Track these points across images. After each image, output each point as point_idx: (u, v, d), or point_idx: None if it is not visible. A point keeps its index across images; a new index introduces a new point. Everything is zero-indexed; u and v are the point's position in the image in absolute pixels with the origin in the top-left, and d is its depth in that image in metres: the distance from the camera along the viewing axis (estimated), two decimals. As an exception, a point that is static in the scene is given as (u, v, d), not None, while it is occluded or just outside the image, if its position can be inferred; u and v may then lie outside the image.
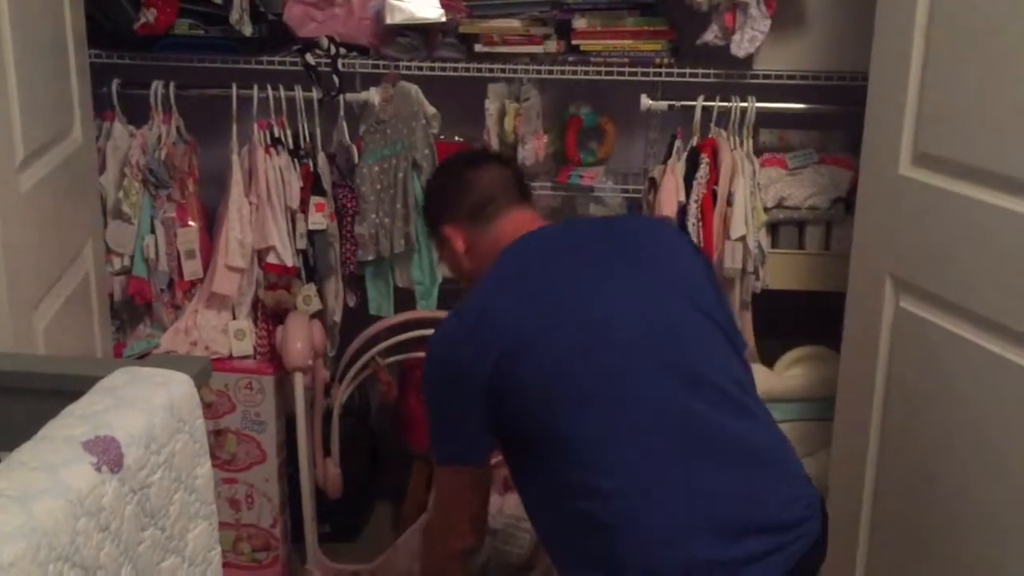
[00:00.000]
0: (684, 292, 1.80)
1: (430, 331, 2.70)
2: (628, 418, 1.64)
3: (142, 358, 1.82)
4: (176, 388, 1.29)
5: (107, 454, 1.10)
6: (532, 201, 2.01)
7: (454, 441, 1.78)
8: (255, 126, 2.76)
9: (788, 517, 1.67)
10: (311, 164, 2.80)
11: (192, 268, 2.81)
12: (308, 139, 2.82)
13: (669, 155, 2.74)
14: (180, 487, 1.27)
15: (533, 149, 2.77)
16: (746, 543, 1.61)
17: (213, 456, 1.41)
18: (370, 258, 2.84)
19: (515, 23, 2.73)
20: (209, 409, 2.78)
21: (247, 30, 2.74)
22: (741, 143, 2.70)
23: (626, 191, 2.90)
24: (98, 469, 1.08)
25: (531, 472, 1.75)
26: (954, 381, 2.06)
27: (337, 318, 2.91)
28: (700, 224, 2.63)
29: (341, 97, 2.79)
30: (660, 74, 2.74)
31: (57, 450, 1.08)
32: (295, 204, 2.77)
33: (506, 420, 1.71)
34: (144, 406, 1.22)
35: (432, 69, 2.79)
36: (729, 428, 1.68)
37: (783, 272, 2.75)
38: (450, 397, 1.74)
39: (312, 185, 2.79)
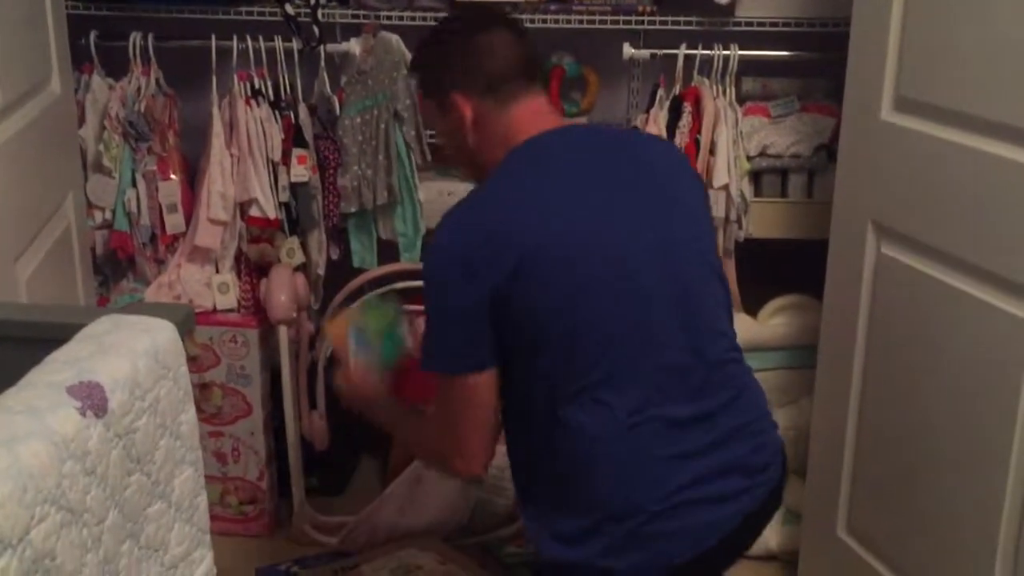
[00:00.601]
0: (696, 237, 1.77)
1: (414, 283, 2.73)
2: (630, 350, 1.64)
3: (125, 310, 1.81)
4: (160, 335, 1.29)
5: (91, 399, 1.10)
6: (545, 86, 1.87)
7: (465, 344, 1.65)
8: (235, 77, 2.74)
9: (758, 460, 1.71)
10: (292, 116, 2.78)
11: (174, 222, 2.80)
12: (289, 90, 2.80)
13: (652, 104, 2.74)
14: (165, 433, 1.27)
15: (515, 99, 2.75)
16: (719, 483, 1.64)
17: (199, 410, 1.40)
18: (353, 210, 2.83)
19: (496, -29, 2.71)
20: (194, 363, 2.74)
21: (226, -20, 2.72)
22: (723, 91, 2.70)
23: (609, 141, 2.89)
24: (83, 414, 1.08)
25: (527, 395, 1.69)
26: (936, 326, 2.08)
27: (321, 271, 2.91)
28: (683, 173, 2.63)
29: (322, 48, 2.77)
30: (643, 22, 2.73)
31: (42, 395, 1.08)
32: (277, 156, 2.76)
33: (509, 331, 1.64)
34: (128, 352, 1.22)
35: (413, 19, 2.77)
36: (714, 378, 1.69)
37: (766, 220, 2.76)
38: (462, 298, 1.62)
39: (293, 137, 2.77)
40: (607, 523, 1.62)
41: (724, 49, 2.68)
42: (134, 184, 2.76)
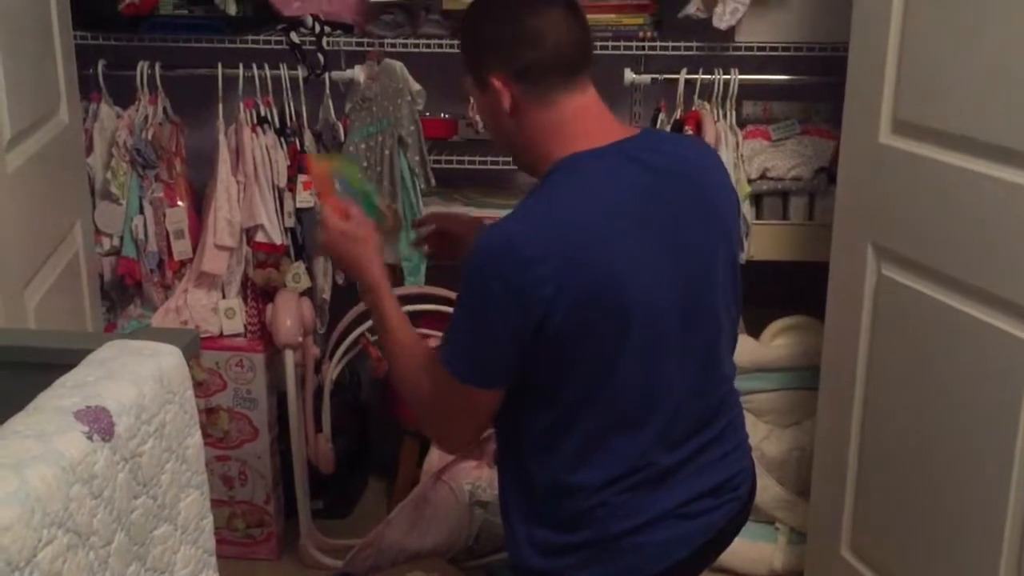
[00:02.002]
0: (728, 278, 1.71)
1: (418, 307, 2.75)
2: (656, 406, 1.63)
3: (132, 335, 1.82)
4: (165, 360, 1.31)
5: (98, 423, 1.12)
6: (591, 71, 1.66)
7: (489, 361, 1.57)
8: (241, 105, 2.77)
9: (732, 483, 1.73)
10: (298, 142, 2.81)
11: (181, 248, 2.83)
12: (294, 117, 2.83)
13: (653, 128, 2.76)
14: (171, 456, 1.29)
15: (518, 124, 2.78)
16: (694, 505, 1.67)
17: (205, 434, 1.42)
18: (358, 235, 2.85)
19: (499, -1, 2.74)
20: (200, 387, 2.80)
21: (232, 9, 2.75)
22: (724, 115, 2.72)
23: (611, 165, 2.91)
24: (90, 438, 1.09)
25: (533, 408, 1.63)
26: (936, 346, 2.09)
27: (326, 295, 2.93)
28: (685, 196, 2.64)
29: (326, 75, 2.80)
30: (643, 47, 2.76)
31: (49, 420, 1.09)
32: (282, 182, 2.79)
33: (532, 362, 1.56)
34: (134, 377, 1.23)
35: (417, 46, 2.80)
36: (713, 414, 1.72)
37: (768, 243, 2.77)
38: (498, 309, 1.51)
39: (299, 163, 2.80)
40: (585, 544, 1.64)
41: (724, 73, 2.71)
42: (141, 211, 2.79)
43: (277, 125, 2.81)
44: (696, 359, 1.65)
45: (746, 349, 2.58)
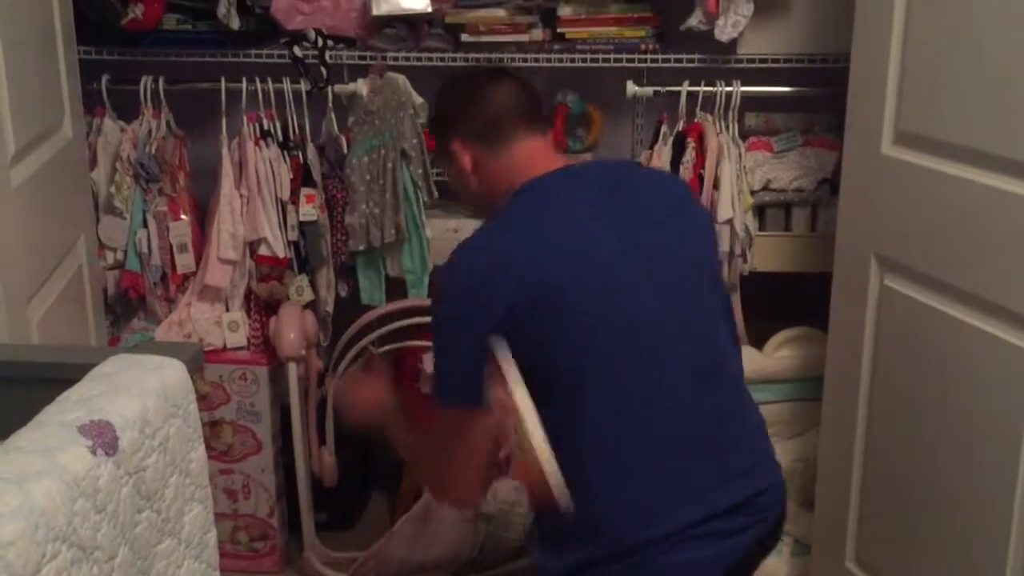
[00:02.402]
0: (702, 273, 1.79)
1: (422, 319, 2.75)
2: (647, 397, 1.66)
3: (136, 349, 1.83)
4: (169, 373, 1.31)
5: (102, 437, 1.12)
6: (545, 128, 1.89)
7: (464, 381, 1.66)
8: (244, 119, 2.78)
9: (764, 501, 1.71)
10: (301, 156, 2.82)
11: (185, 261, 2.83)
12: (297, 131, 2.84)
13: (655, 140, 2.76)
14: (175, 470, 1.29)
15: (521, 137, 2.78)
16: (723, 521, 1.65)
17: (209, 447, 1.42)
18: (361, 248, 2.86)
19: (500, 12, 2.75)
20: (204, 400, 2.80)
21: (235, 24, 2.76)
22: (727, 127, 2.73)
23: (614, 177, 2.91)
24: (93, 452, 1.10)
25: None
26: (940, 357, 2.09)
27: (329, 308, 2.93)
28: (687, 208, 2.65)
29: (329, 89, 2.81)
30: (645, 60, 2.76)
31: (53, 434, 1.10)
32: (285, 196, 2.79)
33: (521, 355, 1.63)
34: (137, 391, 1.24)
35: (419, 60, 2.81)
36: (725, 416, 1.71)
37: (770, 254, 2.78)
38: (462, 337, 1.65)
39: (302, 177, 2.81)
40: (610, 559, 1.63)
41: (727, 85, 2.71)
42: (145, 225, 2.80)
43: (280, 139, 2.81)
44: (686, 346, 1.68)
45: (750, 360, 2.57)
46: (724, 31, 2.62)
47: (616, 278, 1.66)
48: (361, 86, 2.80)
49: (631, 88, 2.77)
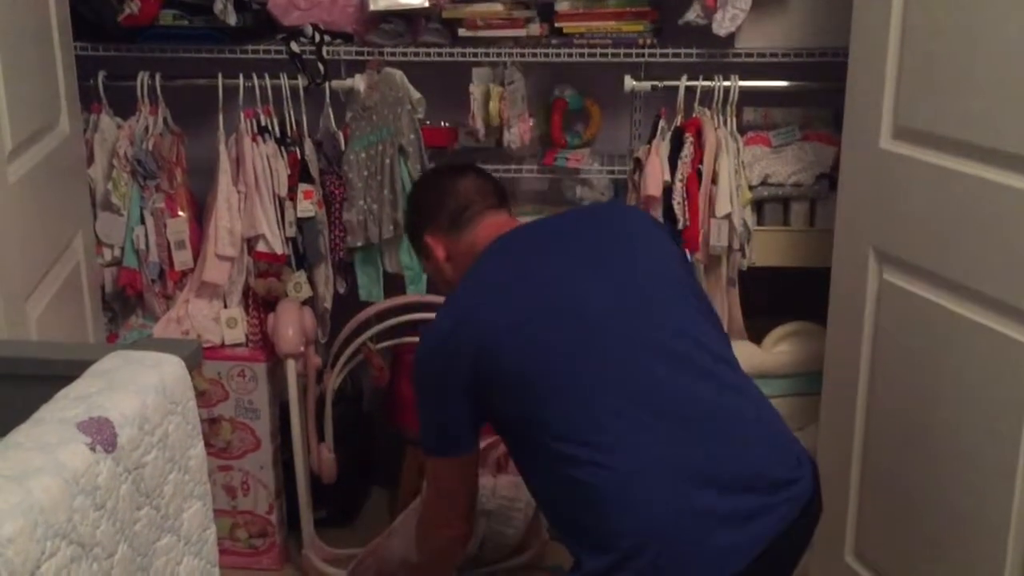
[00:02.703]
0: (657, 270, 1.86)
1: (420, 315, 2.75)
2: (607, 393, 1.68)
3: (134, 346, 1.83)
4: (167, 370, 1.31)
5: (101, 434, 1.12)
6: (509, 207, 2.08)
7: (441, 435, 1.85)
8: (241, 115, 2.77)
9: (778, 475, 1.67)
10: (298, 152, 2.81)
11: (182, 258, 2.83)
12: (295, 127, 2.83)
13: (654, 135, 2.76)
14: (174, 467, 1.29)
15: (519, 132, 2.78)
16: (734, 499, 1.62)
17: (207, 444, 1.42)
18: (359, 244, 2.86)
19: (498, 7, 2.75)
20: (203, 397, 2.80)
21: (231, 19, 2.75)
22: (725, 122, 2.72)
23: (612, 172, 2.92)
24: (93, 449, 1.10)
25: (527, 451, 1.80)
26: (938, 351, 2.09)
27: (328, 304, 2.92)
28: (685, 203, 2.65)
29: (326, 84, 2.80)
30: (643, 55, 2.76)
31: (52, 431, 1.09)
32: (283, 192, 2.79)
33: (494, 408, 1.79)
34: (136, 388, 1.23)
35: (416, 55, 2.80)
36: (706, 396, 1.71)
37: (769, 249, 2.77)
38: (435, 396, 1.82)
39: (300, 173, 2.80)
40: (628, 559, 1.61)
41: (725, 80, 2.71)
42: (142, 221, 2.79)
43: (278, 135, 2.81)
44: (648, 343, 1.73)
45: (748, 355, 2.58)
46: (722, 25, 2.62)
47: (571, 311, 1.75)
48: (358, 82, 2.79)
49: (629, 83, 2.77)
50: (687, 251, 2.64)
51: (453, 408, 1.80)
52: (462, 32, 2.77)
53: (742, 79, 2.71)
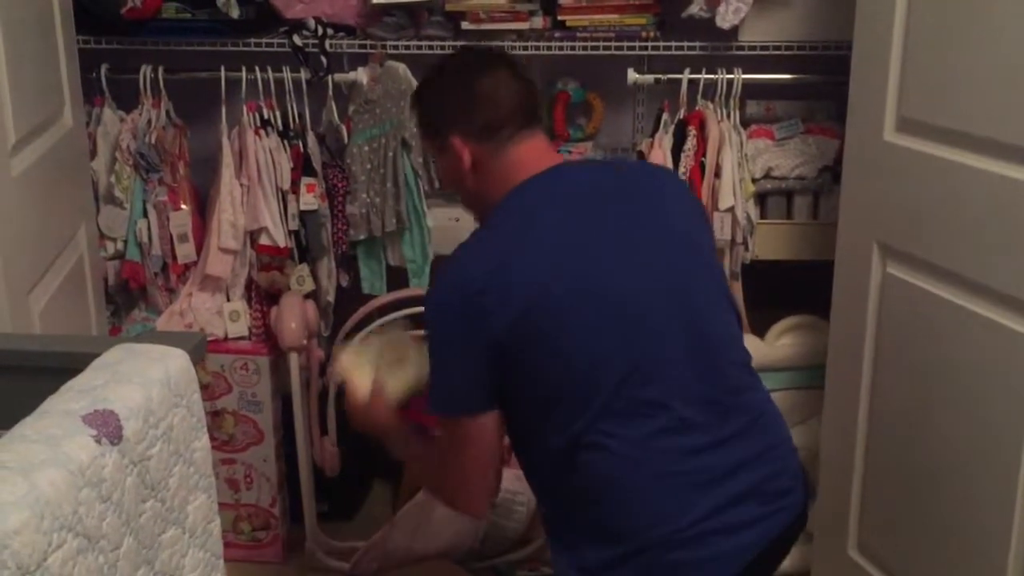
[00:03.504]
0: (701, 266, 1.78)
1: (423, 308, 2.74)
2: (639, 388, 1.64)
3: (138, 339, 1.82)
4: (172, 363, 1.31)
5: (106, 427, 1.12)
6: (541, 120, 1.86)
7: (468, 387, 1.67)
8: (244, 108, 2.77)
9: (777, 486, 1.69)
10: (301, 145, 2.81)
11: (185, 251, 2.83)
12: (297, 120, 2.83)
13: (656, 128, 2.76)
14: (179, 460, 1.29)
15: (521, 125, 2.78)
16: (737, 510, 1.63)
17: (211, 437, 1.42)
18: (362, 237, 2.86)
19: (501, 0, 2.74)
20: (206, 390, 2.80)
21: (234, 12, 2.75)
22: (728, 115, 2.72)
23: (615, 165, 2.91)
24: (98, 441, 1.09)
25: (538, 430, 1.71)
26: (942, 344, 2.09)
27: (330, 298, 2.92)
28: (689, 196, 2.65)
29: (329, 77, 2.80)
30: (646, 48, 2.75)
31: (57, 424, 1.09)
32: (286, 185, 2.79)
33: (509, 378, 1.65)
34: (141, 381, 1.23)
35: (419, 48, 2.80)
36: (726, 402, 1.70)
37: (772, 242, 2.77)
38: (462, 343, 1.64)
39: (303, 166, 2.80)
40: (630, 555, 1.62)
41: (728, 73, 2.70)
42: (145, 214, 2.79)
43: (280, 128, 2.81)
44: (685, 339, 1.67)
45: (751, 349, 2.55)
46: (725, 18, 2.61)
47: (611, 288, 1.65)
48: (361, 75, 2.79)
49: (632, 76, 2.77)
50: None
51: (480, 357, 1.63)
52: (465, 25, 2.77)
53: (745, 72, 2.71)
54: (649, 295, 1.66)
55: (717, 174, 2.66)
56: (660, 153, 2.68)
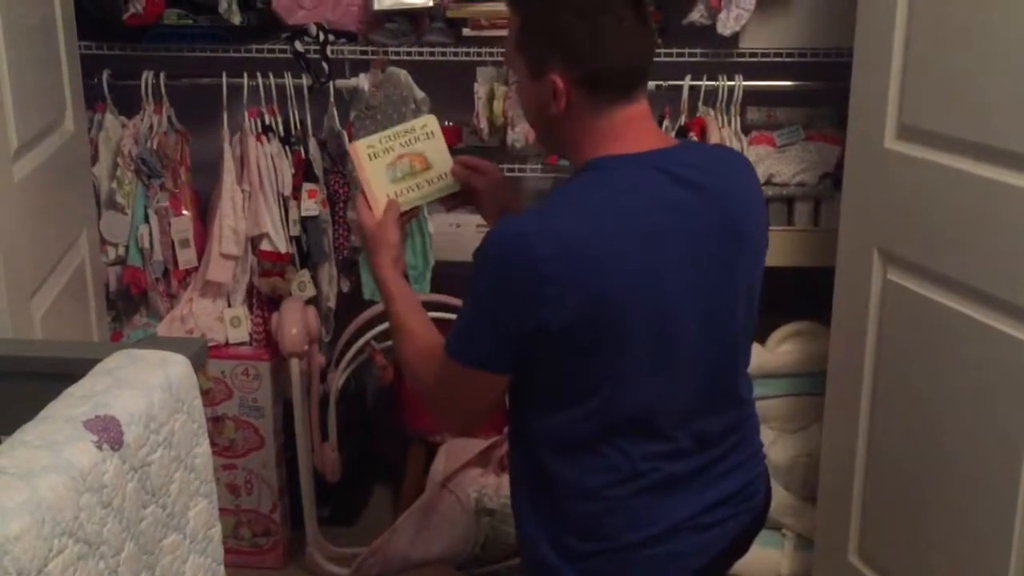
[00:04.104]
0: (739, 298, 1.66)
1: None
2: (662, 400, 1.61)
3: (139, 344, 1.82)
4: (173, 369, 1.31)
5: (107, 432, 1.12)
6: (647, 84, 1.64)
7: (487, 347, 1.56)
8: (246, 114, 2.77)
9: (746, 492, 1.72)
10: (302, 151, 2.82)
11: (187, 257, 2.83)
12: (299, 126, 2.84)
13: (658, 135, 2.75)
14: (180, 465, 1.29)
15: (523, 132, 2.78)
16: (709, 515, 1.65)
17: (211, 443, 1.41)
18: (363, 243, 2.85)
19: (502, 7, 2.72)
20: (206, 396, 2.78)
21: (236, 19, 2.75)
22: (729, 121, 2.72)
23: (616, 172, 2.91)
24: (99, 447, 1.10)
25: (547, 415, 1.63)
26: (942, 351, 2.09)
27: (331, 303, 2.92)
28: (690, 202, 2.64)
29: (331, 84, 2.80)
30: (647, 54, 2.75)
31: (59, 429, 1.10)
32: (287, 191, 2.79)
33: (545, 357, 1.55)
34: (142, 386, 1.24)
35: (421, 54, 2.80)
36: (731, 420, 1.71)
37: (773, 248, 2.67)
38: (505, 302, 1.51)
39: (304, 172, 2.81)
40: (603, 552, 1.63)
41: (729, 80, 2.70)
42: (147, 220, 2.80)
43: (282, 134, 2.81)
44: (710, 377, 1.63)
45: (751, 355, 2.57)
46: (726, 25, 2.62)
47: (667, 303, 1.54)
48: (363, 81, 2.79)
49: (633, 82, 2.76)
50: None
51: (518, 322, 1.50)
52: (466, 32, 2.77)
53: (746, 79, 2.71)
54: (698, 342, 1.59)
55: (718, 181, 2.65)
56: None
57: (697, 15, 2.66)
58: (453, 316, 1.69)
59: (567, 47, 1.54)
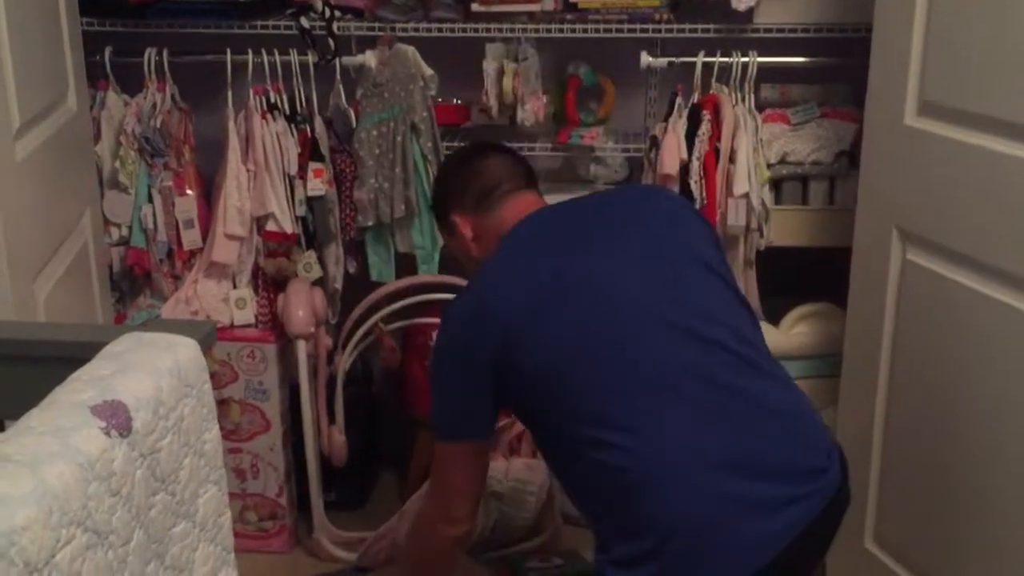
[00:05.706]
0: (686, 251, 1.81)
1: (432, 295, 2.72)
2: (636, 377, 1.65)
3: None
4: (182, 352, 1.28)
5: (116, 418, 1.08)
6: (537, 187, 2.03)
7: (458, 415, 1.82)
8: (251, 92, 2.73)
9: (804, 464, 1.64)
10: (308, 129, 2.77)
11: (191, 237, 2.79)
12: (305, 104, 2.79)
13: (670, 113, 2.71)
14: (189, 452, 1.25)
15: (532, 110, 2.74)
16: (759, 487, 1.59)
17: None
18: (370, 223, 2.82)
19: (511, -19, 2.70)
20: (212, 379, 2.75)
21: (240, -6, 2.71)
22: (743, 99, 2.68)
23: (627, 150, 2.87)
24: (107, 434, 1.06)
25: (552, 437, 1.77)
26: (962, 331, 2.05)
27: (338, 285, 2.89)
28: (703, 182, 2.61)
29: (337, 61, 2.76)
30: (659, 30, 2.71)
31: (66, 415, 1.06)
32: (293, 170, 2.75)
33: (517, 394, 1.75)
34: (151, 370, 1.20)
35: (429, 30, 2.76)
36: (737, 382, 1.67)
37: (788, 228, 2.73)
38: (456, 375, 1.78)
39: (310, 151, 2.77)
40: (657, 546, 1.58)
41: (743, 56, 2.66)
42: (150, 200, 2.76)
43: (287, 112, 2.77)
44: (691, 332, 1.68)
45: (766, 337, 2.54)
46: (740, 0, 2.57)
47: (596, 282, 1.73)
48: (370, 58, 2.75)
49: (645, 59, 2.72)
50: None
51: (471, 388, 1.76)
52: (475, 7, 2.72)
53: (760, 55, 2.66)
54: (636, 294, 1.72)
55: (732, 159, 2.62)
56: (674, 138, 2.63)
57: (711, -10, 2.62)
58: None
59: (453, 194, 2.01)
